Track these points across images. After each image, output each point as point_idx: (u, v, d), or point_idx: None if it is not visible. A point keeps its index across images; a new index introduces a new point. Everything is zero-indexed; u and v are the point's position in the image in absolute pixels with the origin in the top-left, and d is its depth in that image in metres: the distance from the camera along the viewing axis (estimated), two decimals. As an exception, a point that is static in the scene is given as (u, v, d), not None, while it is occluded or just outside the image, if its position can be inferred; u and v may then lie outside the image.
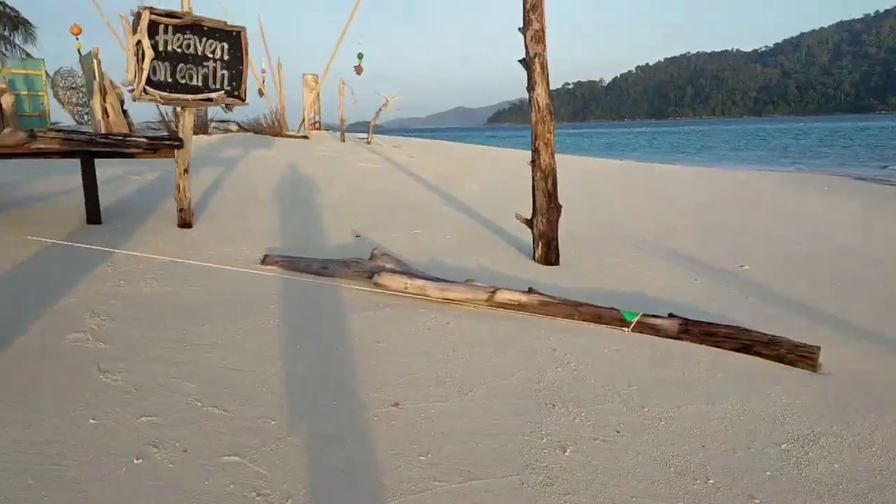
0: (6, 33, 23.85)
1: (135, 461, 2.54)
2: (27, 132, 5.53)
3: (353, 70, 22.87)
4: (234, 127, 23.13)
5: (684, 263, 7.08)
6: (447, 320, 4.38)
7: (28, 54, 23.51)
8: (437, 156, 18.57)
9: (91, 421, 2.81)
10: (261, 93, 22.98)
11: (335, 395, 3.20)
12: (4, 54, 21.84)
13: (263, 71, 23.35)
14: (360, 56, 22.63)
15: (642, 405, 3.32)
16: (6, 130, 5.71)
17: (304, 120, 23.89)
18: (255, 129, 22.06)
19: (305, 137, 21.08)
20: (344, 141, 20.99)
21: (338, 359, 3.66)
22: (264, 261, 5.62)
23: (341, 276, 5.18)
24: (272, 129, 21.85)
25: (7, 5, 23.63)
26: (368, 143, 21.01)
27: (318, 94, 24.22)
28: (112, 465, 2.51)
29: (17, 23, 23.77)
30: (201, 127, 21.21)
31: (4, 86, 17.20)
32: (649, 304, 5.24)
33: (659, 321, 4.44)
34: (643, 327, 4.42)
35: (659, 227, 9.27)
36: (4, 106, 16.82)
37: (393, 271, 4.97)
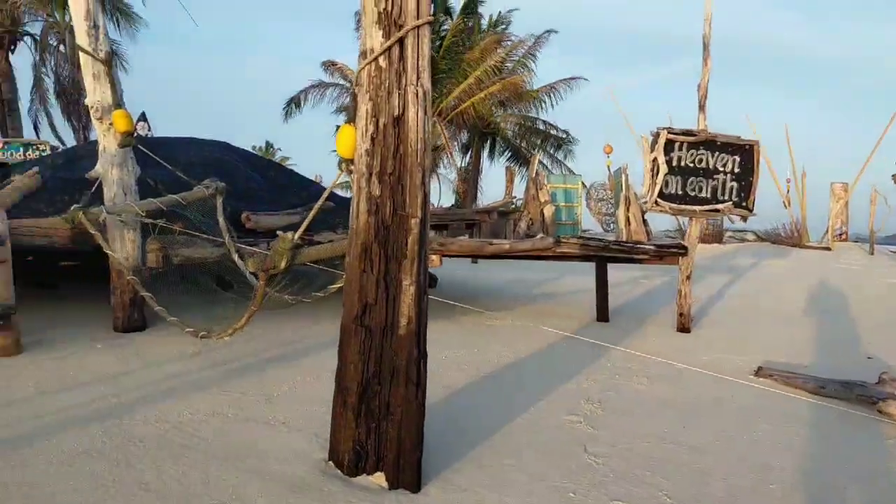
0: (551, 151, 27.86)
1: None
2: (555, 239, 6.52)
3: (891, 179, 20.66)
4: (750, 236, 22.84)
5: None
6: (971, 468, 3.68)
7: (570, 170, 27.04)
8: None
9: (570, 494, 3.16)
10: (785, 204, 22.29)
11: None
12: (551, 171, 25.55)
13: (788, 180, 22.67)
14: (900, 162, 20.35)
15: None
16: (538, 236, 6.82)
17: (828, 230, 22.28)
18: (773, 238, 21.45)
19: (827, 249, 19.64)
20: (873, 254, 18.91)
21: (825, 487, 3.39)
22: (758, 372, 5.48)
23: (840, 398, 4.75)
24: (791, 238, 20.98)
25: (558, 128, 27.58)
26: (906, 256, 18.52)
27: (845, 203, 22.43)
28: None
29: (561, 142, 27.59)
30: (716, 236, 21.50)
31: (548, 198, 20.22)
32: None
33: None
34: None
35: None
36: (546, 215, 19.73)
37: (904, 401, 4.37)
